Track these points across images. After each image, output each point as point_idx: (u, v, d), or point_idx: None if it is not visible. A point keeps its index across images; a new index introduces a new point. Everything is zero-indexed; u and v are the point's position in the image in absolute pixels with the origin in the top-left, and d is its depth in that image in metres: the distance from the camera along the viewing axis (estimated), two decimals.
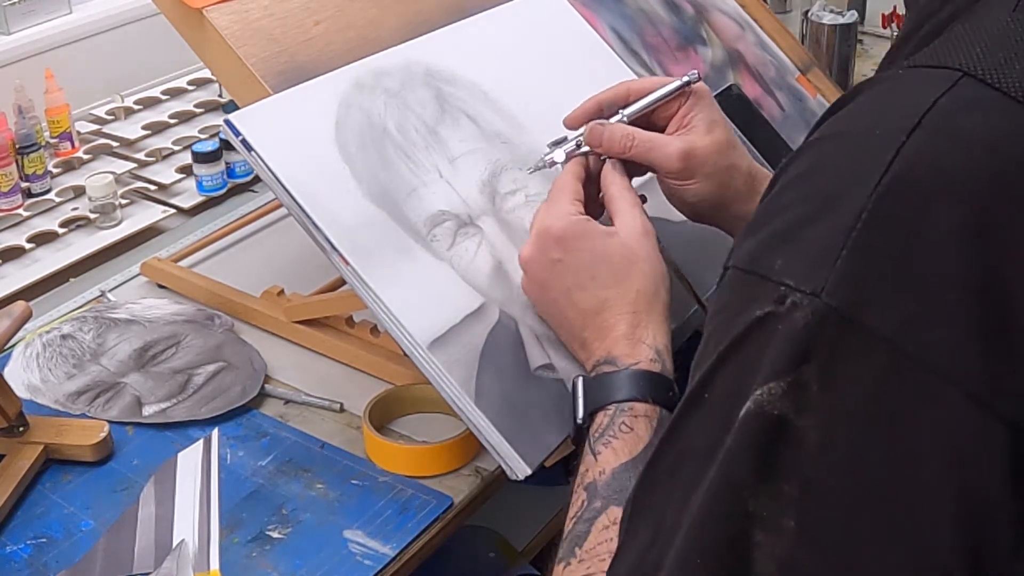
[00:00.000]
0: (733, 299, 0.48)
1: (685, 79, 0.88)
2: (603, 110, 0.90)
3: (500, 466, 0.83)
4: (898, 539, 0.43)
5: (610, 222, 0.83)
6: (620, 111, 0.89)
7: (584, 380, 0.77)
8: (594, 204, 0.86)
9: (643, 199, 0.87)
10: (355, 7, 1.04)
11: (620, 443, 0.71)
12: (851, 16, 1.57)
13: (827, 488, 0.43)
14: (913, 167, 0.43)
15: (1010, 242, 0.42)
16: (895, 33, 1.76)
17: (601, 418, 0.74)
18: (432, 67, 0.99)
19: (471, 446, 0.90)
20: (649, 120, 0.90)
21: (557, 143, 0.90)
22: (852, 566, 0.43)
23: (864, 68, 1.66)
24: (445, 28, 1.04)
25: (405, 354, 0.85)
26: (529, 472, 0.82)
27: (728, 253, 0.51)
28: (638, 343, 0.76)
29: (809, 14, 1.60)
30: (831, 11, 1.59)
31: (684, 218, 0.92)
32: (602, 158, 0.88)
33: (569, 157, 0.88)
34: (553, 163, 0.89)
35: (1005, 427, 0.42)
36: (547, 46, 1.11)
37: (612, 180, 0.85)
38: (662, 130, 0.90)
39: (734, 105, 1.22)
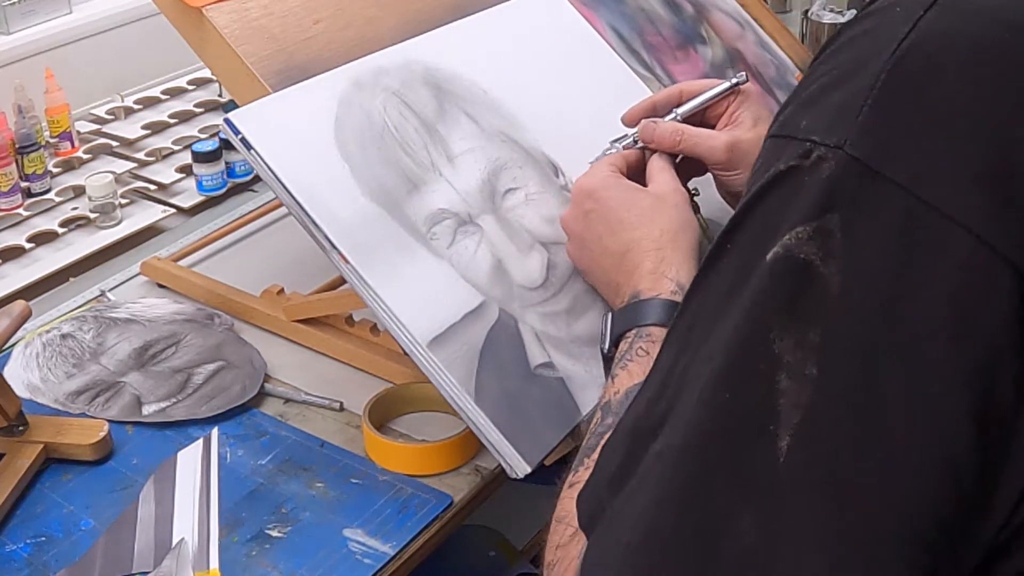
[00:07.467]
0: (763, 162, 0.51)
1: (735, 81, 0.95)
2: (657, 109, 0.97)
3: (500, 464, 0.83)
4: (913, 386, 0.44)
5: None
6: (674, 110, 0.96)
7: (612, 313, 0.81)
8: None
9: (696, 192, 0.93)
10: (355, 6, 1.04)
11: (636, 365, 0.75)
12: (851, 15, 1.57)
13: (848, 336, 0.45)
14: (927, 36, 0.47)
15: (1016, 101, 0.45)
16: None
17: (623, 345, 0.78)
18: (432, 66, 0.99)
19: (471, 445, 0.90)
20: (701, 119, 0.96)
21: (617, 140, 0.96)
22: (871, 416, 0.44)
23: None
24: (445, 27, 1.05)
25: (405, 353, 0.85)
26: (529, 470, 0.82)
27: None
28: (661, 277, 0.81)
29: (809, 13, 1.60)
30: (831, 10, 1.59)
31: None
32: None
33: (625, 149, 0.95)
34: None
35: (1012, 272, 0.44)
36: (547, 45, 1.11)
37: (654, 161, 0.92)
38: (712, 127, 0.96)
39: None
